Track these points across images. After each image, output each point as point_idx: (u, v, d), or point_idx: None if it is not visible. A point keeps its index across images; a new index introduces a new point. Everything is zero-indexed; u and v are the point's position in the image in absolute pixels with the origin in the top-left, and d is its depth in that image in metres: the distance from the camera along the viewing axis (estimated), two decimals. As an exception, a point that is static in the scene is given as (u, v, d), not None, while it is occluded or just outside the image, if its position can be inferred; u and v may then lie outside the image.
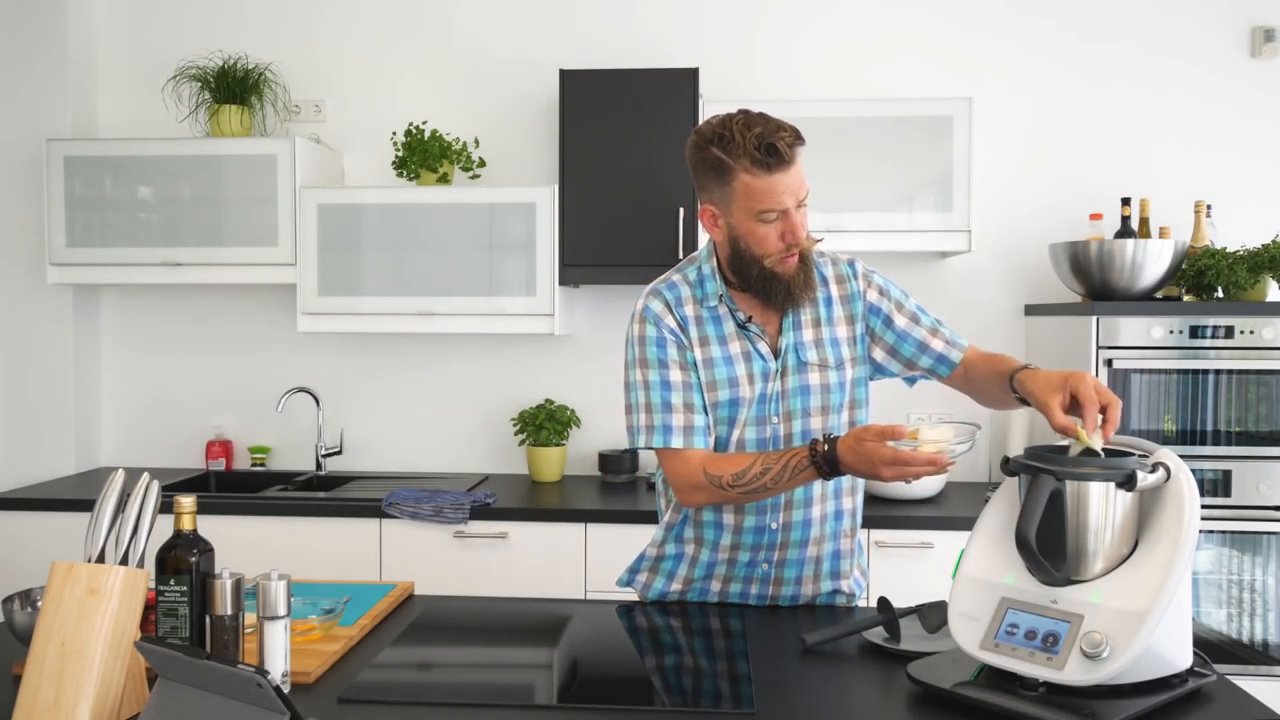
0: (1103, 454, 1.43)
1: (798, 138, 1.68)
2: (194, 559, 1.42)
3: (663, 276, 1.89)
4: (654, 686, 1.51)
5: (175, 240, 3.28)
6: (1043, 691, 1.34)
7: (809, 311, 1.82)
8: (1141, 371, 2.87)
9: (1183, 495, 1.37)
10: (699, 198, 1.79)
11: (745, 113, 1.71)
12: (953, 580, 1.49)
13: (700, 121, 3.12)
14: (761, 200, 1.68)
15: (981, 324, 3.45)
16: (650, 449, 1.80)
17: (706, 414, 1.80)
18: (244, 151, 3.26)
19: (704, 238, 3.15)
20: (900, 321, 1.86)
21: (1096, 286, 3.01)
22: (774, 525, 1.82)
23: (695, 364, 1.80)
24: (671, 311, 1.81)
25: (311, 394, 3.53)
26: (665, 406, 1.77)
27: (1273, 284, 3.03)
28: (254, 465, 3.56)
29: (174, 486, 3.27)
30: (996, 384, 1.77)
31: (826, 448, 1.65)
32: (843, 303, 1.86)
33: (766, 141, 1.65)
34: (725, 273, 1.82)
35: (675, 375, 1.79)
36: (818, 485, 1.81)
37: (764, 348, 1.80)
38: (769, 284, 1.75)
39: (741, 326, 1.80)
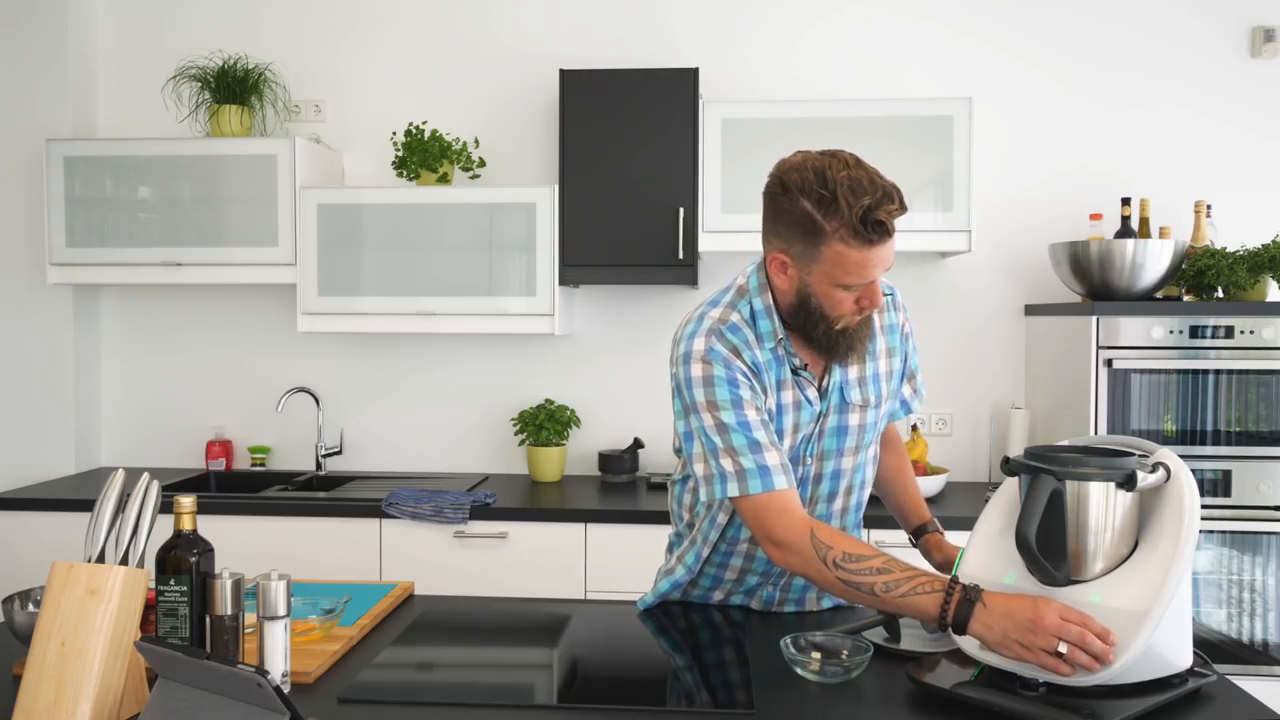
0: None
1: (902, 205, 1.51)
2: (194, 559, 1.42)
3: (711, 311, 1.68)
4: (654, 686, 1.51)
5: (175, 240, 3.28)
6: (1043, 691, 1.34)
7: None
8: (1141, 371, 2.87)
9: (1183, 495, 1.37)
10: (769, 240, 1.61)
11: (848, 168, 1.51)
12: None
13: (699, 119, 3.12)
14: (851, 272, 1.53)
15: (981, 324, 3.45)
16: (743, 497, 1.58)
17: None
18: (244, 151, 3.26)
19: (706, 241, 3.15)
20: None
21: (1096, 286, 3.01)
22: None
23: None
24: (740, 355, 1.63)
25: (311, 394, 3.53)
26: (754, 446, 1.58)
27: (1273, 284, 3.03)
28: (254, 465, 3.55)
29: (174, 486, 3.27)
30: (898, 507, 1.90)
31: (969, 598, 1.40)
32: (884, 332, 1.78)
33: (874, 217, 1.48)
34: (781, 314, 1.67)
35: (752, 415, 1.60)
36: (835, 522, 1.79)
37: (812, 393, 1.69)
38: (833, 341, 1.62)
39: (794, 372, 1.68)
